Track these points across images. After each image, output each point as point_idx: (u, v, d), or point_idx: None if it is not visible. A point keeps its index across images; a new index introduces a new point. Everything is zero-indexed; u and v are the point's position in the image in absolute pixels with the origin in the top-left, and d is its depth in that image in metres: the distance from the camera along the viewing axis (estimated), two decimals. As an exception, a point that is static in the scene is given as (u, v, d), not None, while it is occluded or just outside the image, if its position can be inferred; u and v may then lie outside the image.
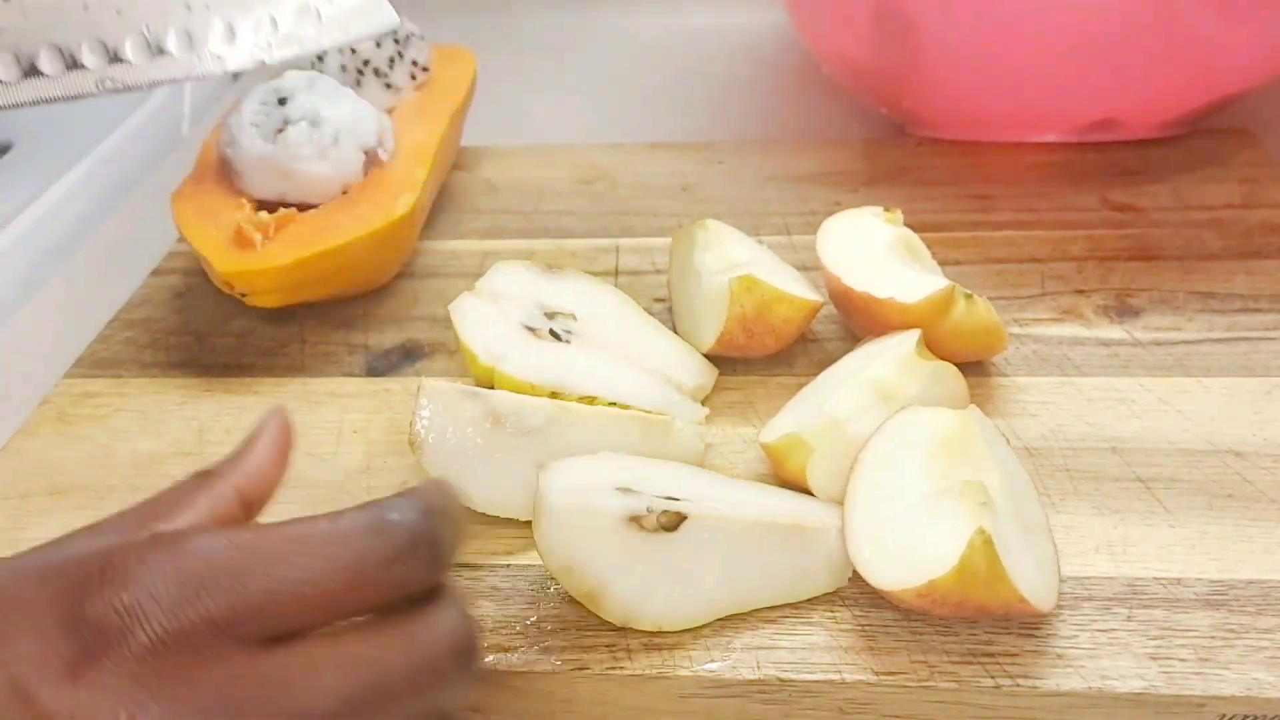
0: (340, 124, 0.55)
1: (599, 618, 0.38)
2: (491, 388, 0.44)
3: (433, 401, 0.42)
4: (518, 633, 0.38)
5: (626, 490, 0.38)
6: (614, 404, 0.45)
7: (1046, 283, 0.54)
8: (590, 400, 0.45)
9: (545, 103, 0.82)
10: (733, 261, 0.50)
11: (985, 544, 0.34)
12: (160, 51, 0.32)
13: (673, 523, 0.37)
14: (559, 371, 0.45)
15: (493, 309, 0.47)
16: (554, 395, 0.44)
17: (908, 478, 0.39)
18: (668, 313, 0.53)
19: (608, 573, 0.37)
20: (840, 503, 0.40)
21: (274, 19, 0.35)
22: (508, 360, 0.45)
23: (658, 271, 0.57)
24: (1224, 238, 0.57)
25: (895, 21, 0.59)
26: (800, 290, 0.48)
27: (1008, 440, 0.43)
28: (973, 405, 0.42)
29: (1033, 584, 0.35)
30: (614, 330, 0.49)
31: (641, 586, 0.37)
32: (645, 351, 0.48)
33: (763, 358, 0.49)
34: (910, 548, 0.36)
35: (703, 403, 0.48)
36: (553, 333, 0.47)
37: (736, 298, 0.46)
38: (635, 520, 0.37)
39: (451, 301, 0.48)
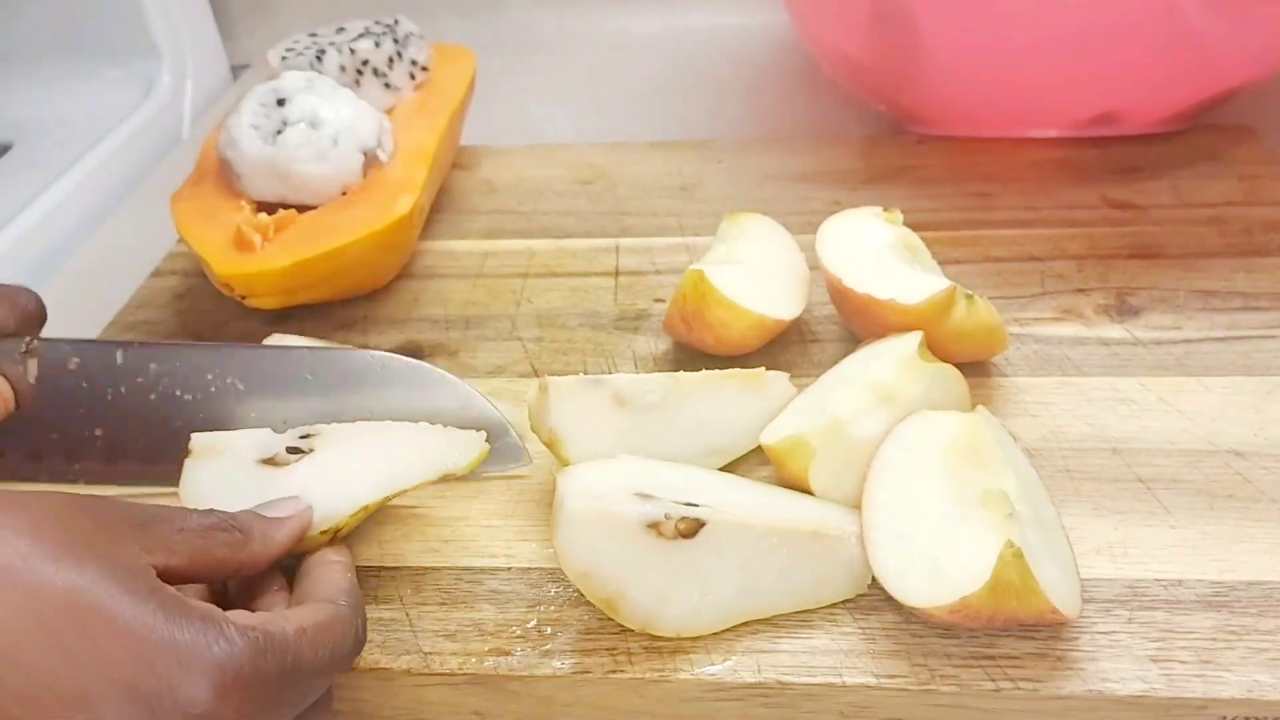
0: (339, 125, 0.55)
1: (599, 621, 0.38)
2: None
3: (564, 396, 0.42)
4: (518, 636, 0.38)
5: (645, 496, 0.38)
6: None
7: (1046, 282, 0.54)
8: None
9: (545, 103, 0.82)
10: (732, 256, 0.50)
11: (1016, 557, 0.34)
12: None
13: (691, 530, 0.37)
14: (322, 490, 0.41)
15: (222, 464, 0.42)
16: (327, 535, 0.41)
17: (926, 487, 0.39)
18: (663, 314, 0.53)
19: (626, 579, 0.37)
20: (844, 504, 0.40)
21: None
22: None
23: (657, 272, 0.57)
24: (1224, 235, 0.56)
25: (894, 18, 0.59)
26: (768, 303, 0.48)
27: (1014, 438, 0.43)
28: (981, 407, 0.42)
29: (1060, 592, 0.35)
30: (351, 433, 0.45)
31: (660, 593, 0.37)
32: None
33: (761, 359, 0.49)
34: (938, 563, 0.36)
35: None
36: (291, 449, 0.42)
37: (683, 288, 0.48)
38: (654, 527, 0.37)
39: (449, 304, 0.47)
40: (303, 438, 0.43)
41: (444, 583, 0.41)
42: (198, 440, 0.43)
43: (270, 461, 0.42)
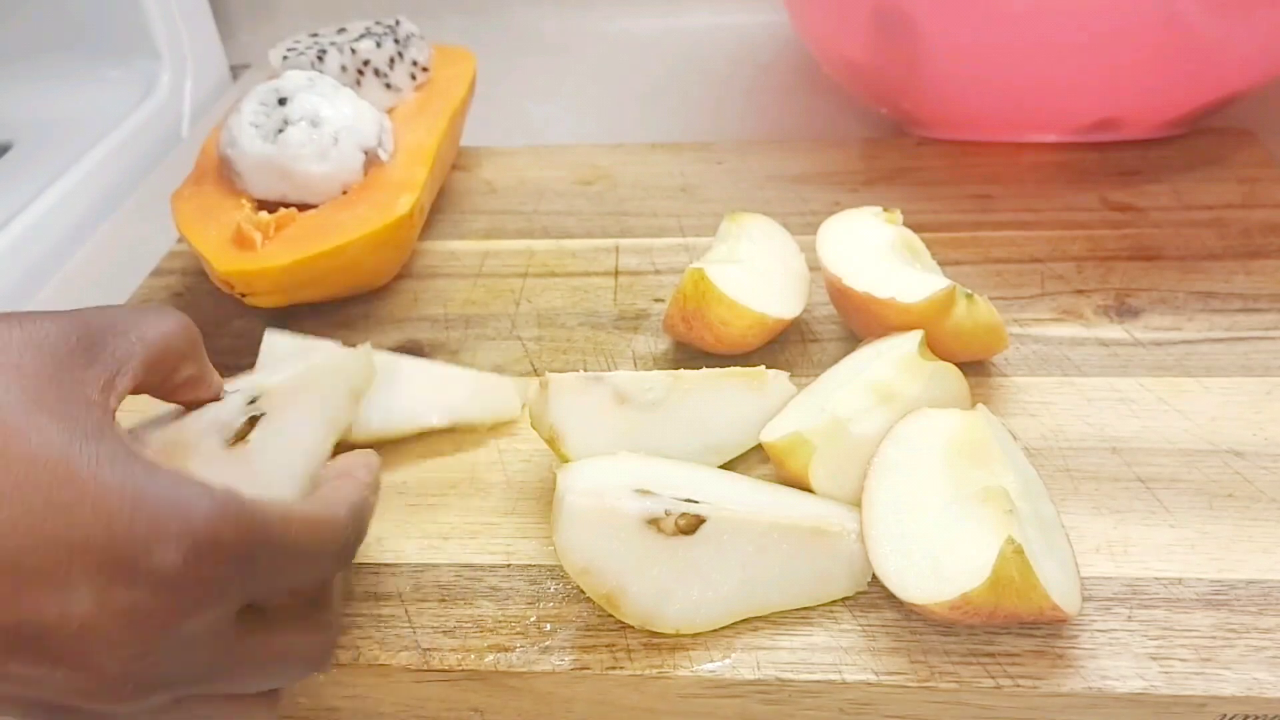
0: (340, 124, 0.55)
1: (599, 617, 0.38)
2: None
3: (564, 393, 0.43)
4: (517, 633, 0.38)
5: (645, 492, 0.38)
6: None
7: (1046, 283, 0.54)
8: None
9: (545, 103, 0.82)
10: (733, 256, 0.50)
11: (1017, 553, 0.34)
12: None
13: (691, 526, 0.37)
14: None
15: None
16: None
17: (926, 484, 0.39)
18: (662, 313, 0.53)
19: (626, 575, 0.37)
20: (844, 502, 0.40)
21: None
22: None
23: (657, 272, 0.57)
24: (1224, 237, 0.56)
25: (894, 22, 0.59)
26: (770, 302, 0.48)
27: (1014, 437, 0.43)
28: (981, 405, 0.42)
29: (1060, 588, 0.35)
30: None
31: (660, 589, 0.37)
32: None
33: (761, 358, 0.49)
34: (938, 560, 0.36)
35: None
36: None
37: (683, 287, 0.48)
38: (654, 523, 0.37)
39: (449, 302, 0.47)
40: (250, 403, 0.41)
41: (443, 579, 0.41)
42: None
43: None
